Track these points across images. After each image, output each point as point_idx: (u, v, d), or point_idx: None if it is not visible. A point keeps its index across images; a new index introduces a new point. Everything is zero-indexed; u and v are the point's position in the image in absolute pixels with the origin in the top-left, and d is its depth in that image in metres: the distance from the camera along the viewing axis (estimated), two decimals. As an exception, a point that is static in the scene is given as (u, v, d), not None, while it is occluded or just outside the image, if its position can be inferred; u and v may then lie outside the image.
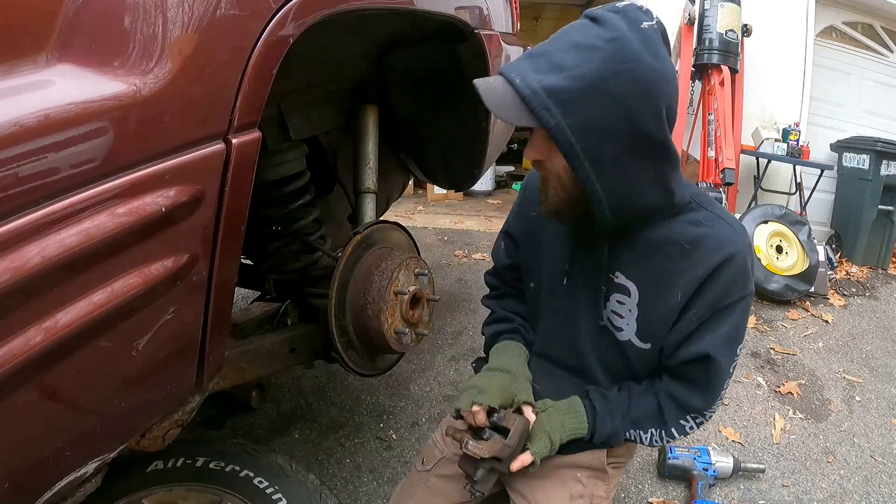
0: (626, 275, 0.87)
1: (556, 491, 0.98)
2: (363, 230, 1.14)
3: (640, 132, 0.70)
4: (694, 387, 0.88)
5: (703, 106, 3.78)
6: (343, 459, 1.62)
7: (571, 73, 0.67)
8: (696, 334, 0.85)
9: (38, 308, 0.49)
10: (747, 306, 0.85)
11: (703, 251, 0.81)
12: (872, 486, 1.70)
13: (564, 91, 0.67)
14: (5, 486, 0.53)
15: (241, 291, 1.92)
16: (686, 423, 0.91)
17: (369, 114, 1.33)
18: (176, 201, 0.58)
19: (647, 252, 0.84)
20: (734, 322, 0.84)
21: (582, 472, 0.99)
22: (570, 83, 0.67)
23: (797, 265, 3.04)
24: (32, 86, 0.48)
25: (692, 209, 0.84)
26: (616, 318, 0.90)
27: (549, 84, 0.67)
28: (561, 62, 0.68)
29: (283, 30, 0.66)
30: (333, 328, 1.07)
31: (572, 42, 0.69)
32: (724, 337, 0.84)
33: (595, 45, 0.67)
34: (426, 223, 4.01)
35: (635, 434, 0.92)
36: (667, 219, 0.83)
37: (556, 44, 0.70)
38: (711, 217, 0.84)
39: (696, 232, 0.82)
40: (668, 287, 0.84)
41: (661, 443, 0.92)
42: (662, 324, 0.87)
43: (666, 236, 0.83)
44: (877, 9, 4.15)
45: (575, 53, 0.68)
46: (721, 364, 0.84)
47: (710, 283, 0.81)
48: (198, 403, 0.87)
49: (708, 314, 0.83)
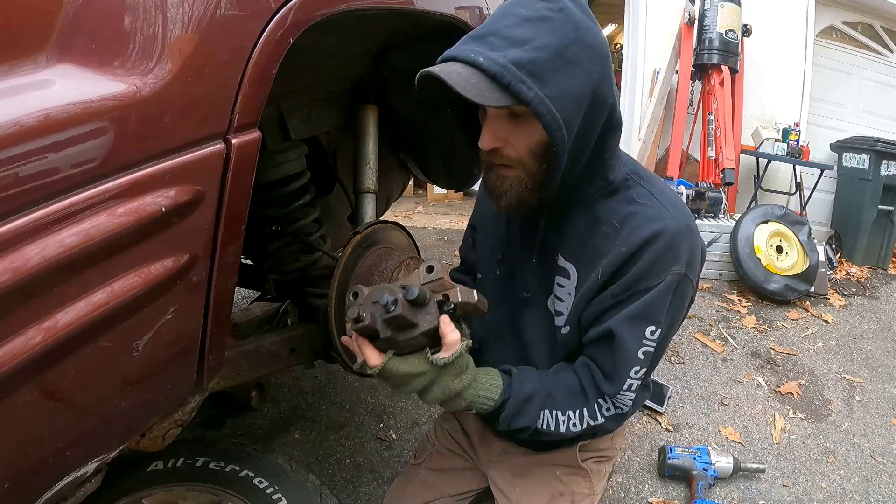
0: (567, 257, 0.84)
1: (537, 490, 0.98)
2: (363, 230, 1.14)
3: (600, 98, 0.70)
4: (602, 370, 0.82)
5: (703, 106, 3.79)
6: (343, 459, 1.62)
7: (534, 45, 0.65)
8: (608, 312, 0.80)
9: (38, 308, 0.49)
10: (669, 288, 0.77)
11: (629, 229, 0.78)
12: (872, 486, 1.70)
13: (533, 63, 0.65)
14: (5, 486, 0.53)
15: (241, 291, 1.92)
16: (603, 404, 0.83)
17: (369, 114, 1.33)
18: (176, 201, 0.58)
19: (585, 233, 0.82)
20: (646, 301, 0.77)
21: (559, 469, 0.99)
22: (537, 54, 0.65)
23: (797, 265, 3.04)
24: (32, 86, 0.48)
25: (628, 186, 0.81)
26: (558, 302, 0.86)
27: (515, 57, 0.65)
28: (518, 36, 0.66)
29: (283, 30, 0.66)
30: (333, 328, 1.06)
31: (521, 17, 0.67)
32: (629, 315, 0.78)
33: (545, 16, 0.67)
34: (426, 223, 4.01)
35: (551, 416, 0.81)
36: (604, 197, 0.81)
37: (503, 21, 0.68)
38: (645, 194, 0.80)
39: (627, 210, 0.79)
40: (596, 267, 0.80)
41: (580, 427, 0.82)
42: (584, 304, 0.83)
43: (601, 215, 0.81)
44: (877, 9, 4.15)
45: (529, 26, 0.66)
46: (623, 342, 0.78)
47: (632, 261, 0.77)
48: (198, 403, 0.87)
49: (624, 294, 0.78)
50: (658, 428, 1.89)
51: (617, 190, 0.81)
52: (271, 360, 1.11)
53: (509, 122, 0.72)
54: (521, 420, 0.80)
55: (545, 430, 0.81)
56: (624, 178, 0.81)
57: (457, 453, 1.09)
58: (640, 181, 0.82)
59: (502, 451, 1.04)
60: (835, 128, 4.21)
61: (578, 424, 0.82)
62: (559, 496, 0.97)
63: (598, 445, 1.03)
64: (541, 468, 1.00)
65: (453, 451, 1.10)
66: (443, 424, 1.14)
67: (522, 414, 0.80)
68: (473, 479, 1.08)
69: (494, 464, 1.04)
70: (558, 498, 0.97)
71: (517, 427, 0.81)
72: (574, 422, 0.82)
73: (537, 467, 1.00)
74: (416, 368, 0.71)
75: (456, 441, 1.10)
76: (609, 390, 0.81)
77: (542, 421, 0.81)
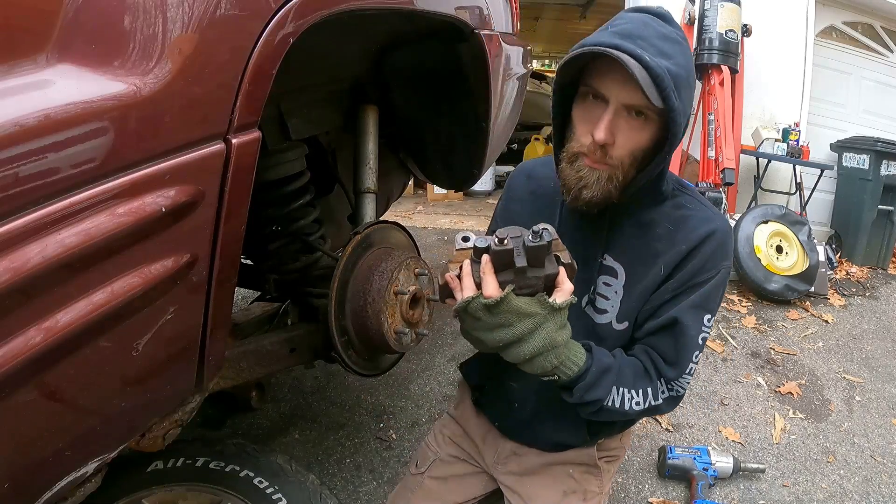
0: (614, 256, 0.90)
1: (549, 487, 0.98)
2: (363, 230, 1.14)
3: (687, 118, 0.79)
4: (663, 357, 0.87)
5: (703, 106, 3.79)
6: (343, 459, 1.62)
7: (676, 62, 0.73)
8: (666, 305, 0.87)
9: (38, 308, 0.49)
10: (721, 281, 0.87)
11: (686, 230, 0.87)
12: (872, 486, 1.70)
13: (678, 77, 0.72)
14: (5, 486, 0.53)
15: (241, 291, 1.92)
16: (660, 386, 0.87)
17: (369, 114, 1.33)
18: (176, 201, 0.58)
19: (636, 234, 0.89)
20: (705, 292, 0.86)
21: (574, 468, 1.00)
22: (680, 70, 0.73)
23: (797, 265, 3.04)
24: (32, 86, 0.48)
25: (675, 195, 0.90)
26: (601, 300, 0.91)
27: (668, 67, 0.71)
28: (663, 49, 0.73)
29: (283, 30, 0.66)
30: (333, 328, 1.07)
31: (660, 33, 0.75)
32: (691, 304, 0.86)
33: (677, 39, 0.76)
34: (426, 223, 4.01)
35: (618, 393, 0.84)
36: (655, 204, 0.89)
37: (646, 30, 0.74)
38: (692, 201, 0.91)
39: (679, 214, 0.89)
40: (653, 266, 0.87)
41: (642, 406, 0.85)
42: (640, 300, 0.89)
43: (653, 219, 0.88)
44: (877, 9, 4.15)
45: (669, 44, 0.74)
46: (687, 328, 0.84)
47: (691, 257, 0.86)
48: (198, 403, 0.87)
49: (683, 287, 0.86)
50: (658, 428, 1.89)
51: (666, 199, 0.89)
52: (271, 360, 1.11)
53: (628, 122, 0.77)
54: (595, 392, 0.81)
55: (610, 406, 0.83)
56: (672, 188, 0.90)
57: (461, 459, 1.09)
58: (685, 190, 0.92)
59: (512, 452, 1.03)
60: (835, 128, 4.21)
61: (641, 403, 0.85)
62: (571, 493, 0.98)
63: (609, 445, 1.03)
64: (553, 467, 1.00)
65: (457, 456, 1.09)
66: (442, 431, 1.13)
67: (599, 386, 0.81)
68: (478, 485, 1.07)
69: (503, 465, 1.04)
70: (570, 495, 0.98)
71: (589, 399, 0.82)
72: (637, 400, 0.85)
73: (550, 466, 1.00)
74: (529, 308, 0.71)
75: (459, 446, 1.09)
76: (672, 375, 0.86)
77: (611, 396, 0.83)
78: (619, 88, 0.75)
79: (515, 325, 0.71)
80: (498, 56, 1.38)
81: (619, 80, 0.74)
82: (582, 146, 0.80)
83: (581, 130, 0.81)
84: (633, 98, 0.74)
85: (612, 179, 0.80)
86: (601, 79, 0.77)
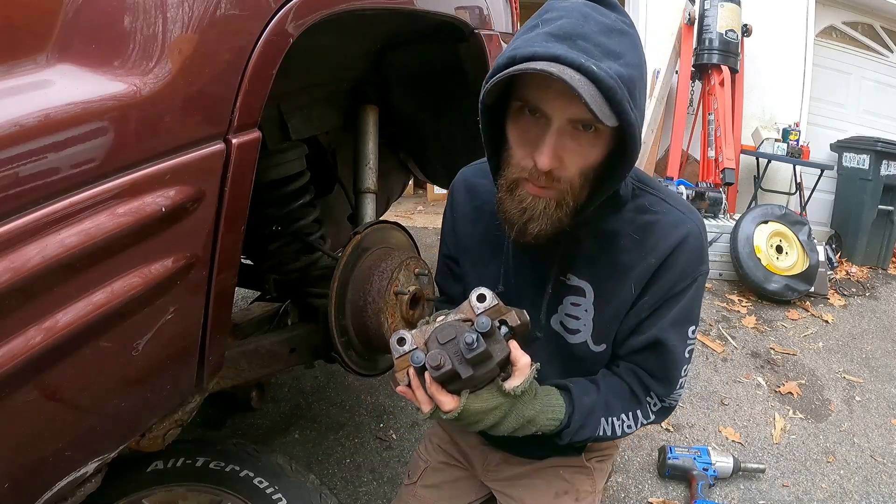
0: (579, 275, 0.82)
1: (542, 489, 0.98)
2: (363, 230, 1.14)
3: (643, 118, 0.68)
4: (650, 374, 0.84)
5: (703, 106, 3.79)
6: (343, 459, 1.62)
7: (627, 61, 0.61)
8: (646, 322, 0.81)
9: (38, 308, 0.49)
10: (699, 288, 0.81)
11: (654, 239, 0.77)
12: (872, 486, 1.70)
13: (632, 81, 0.60)
14: (5, 486, 0.53)
15: (241, 291, 1.92)
16: (651, 401, 0.85)
17: (369, 114, 1.33)
18: (176, 201, 0.58)
19: (598, 248, 0.80)
20: (684, 305, 0.80)
21: (565, 470, 0.99)
22: (632, 72, 0.60)
23: (797, 265, 3.04)
24: (32, 86, 0.48)
25: (637, 195, 0.79)
26: (571, 320, 0.84)
27: (620, 73, 0.59)
28: (610, 47, 0.60)
29: (282, 30, 0.66)
30: (333, 328, 1.07)
31: (603, 26, 0.61)
32: (672, 320, 0.80)
33: (624, 29, 0.63)
34: (426, 223, 4.00)
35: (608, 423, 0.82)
36: (615, 211, 0.78)
37: (587, 25, 0.61)
38: (656, 201, 0.79)
39: (643, 220, 0.78)
40: (622, 282, 0.79)
41: (634, 428, 0.84)
42: (615, 321, 0.82)
43: (615, 229, 0.78)
44: (877, 9, 4.15)
45: (616, 39, 0.61)
46: (672, 348, 0.80)
47: (663, 271, 0.78)
48: (198, 403, 0.87)
49: (660, 301, 0.80)
50: (658, 428, 1.89)
51: (626, 203, 0.78)
52: (271, 360, 1.11)
53: (574, 141, 0.65)
54: (583, 433, 0.80)
55: (601, 436, 0.82)
56: (631, 189, 0.79)
57: (451, 464, 1.08)
58: (647, 188, 0.81)
59: (502, 461, 1.02)
60: (835, 128, 4.21)
61: (633, 425, 0.84)
62: (563, 494, 0.97)
63: (600, 445, 1.02)
64: (545, 470, 0.99)
65: (448, 462, 1.08)
66: (432, 439, 1.12)
67: (585, 427, 0.80)
68: (472, 489, 1.06)
69: (493, 472, 1.03)
70: (563, 496, 0.97)
71: (579, 439, 0.81)
72: (629, 423, 0.83)
73: (541, 469, 0.99)
74: (491, 402, 0.69)
75: (448, 453, 1.08)
76: (662, 391, 0.83)
77: (601, 428, 0.81)
78: (563, 103, 0.62)
79: (485, 419, 0.70)
80: (498, 56, 1.38)
81: (561, 94, 0.60)
82: (523, 171, 0.68)
83: (520, 154, 0.68)
84: (580, 112, 0.61)
85: (561, 206, 0.69)
86: (538, 93, 0.64)
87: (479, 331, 0.64)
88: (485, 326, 0.64)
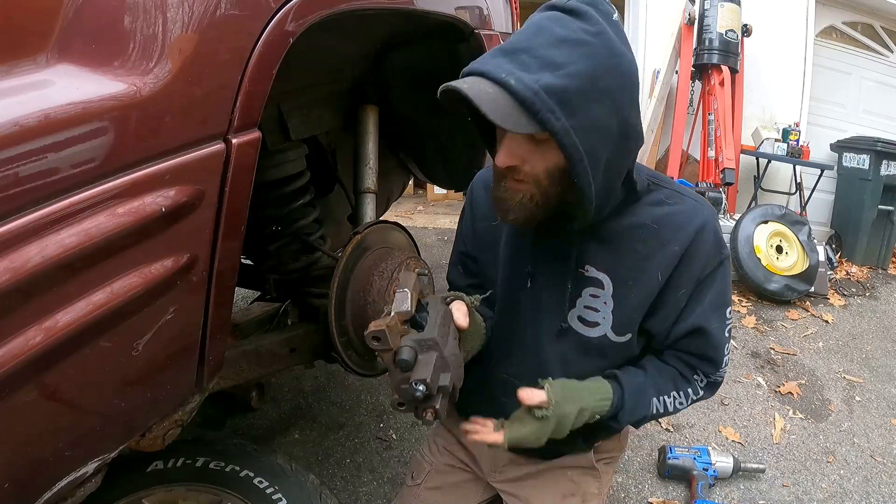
0: (598, 267, 0.84)
1: (549, 491, 0.98)
2: (363, 230, 1.13)
3: (626, 124, 0.69)
4: (697, 356, 0.89)
5: (703, 106, 3.79)
6: (343, 459, 1.62)
7: (567, 71, 0.62)
8: (686, 310, 0.85)
9: (38, 308, 0.49)
10: (726, 269, 0.86)
11: (673, 228, 0.81)
12: (872, 486, 1.70)
13: (565, 91, 0.62)
14: (5, 485, 0.53)
15: (241, 291, 1.92)
16: (697, 378, 0.90)
17: (369, 114, 1.33)
18: (176, 201, 0.58)
19: (617, 240, 0.83)
20: (717, 288, 0.85)
21: (572, 471, 0.99)
22: (569, 82, 0.62)
23: (797, 265, 3.04)
24: (32, 86, 0.48)
25: (651, 190, 0.84)
26: (591, 312, 0.86)
27: (548, 83, 0.62)
28: (552, 59, 0.63)
29: (283, 30, 0.66)
30: (333, 328, 1.06)
31: (557, 36, 0.64)
32: (710, 305, 0.84)
33: (582, 39, 0.64)
34: (426, 223, 4.01)
35: (659, 402, 0.87)
36: (631, 205, 0.83)
37: (537, 38, 0.64)
38: (672, 194, 0.84)
39: (660, 211, 0.83)
40: (643, 271, 0.82)
41: (686, 404, 0.89)
42: (638, 311, 0.85)
43: (633, 222, 0.82)
44: (877, 9, 4.15)
45: (565, 49, 0.63)
46: (714, 331, 0.85)
47: (689, 258, 0.82)
48: (198, 403, 0.87)
49: (693, 288, 0.84)
50: (658, 428, 1.89)
51: (640, 198, 0.83)
52: (271, 360, 1.11)
53: (529, 143, 0.70)
54: (638, 411, 0.85)
55: (655, 413, 0.87)
56: (646, 185, 0.83)
57: (457, 467, 1.07)
58: (661, 184, 0.86)
59: (509, 461, 1.02)
60: (835, 128, 4.21)
61: (684, 402, 0.89)
62: (570, 496, 0.97)
63: (606, 447, 1.02)
64: (552, 471, 0.99)
65: (453, 465, 1.07)
66: (436, 440, 1.11)
67: (639, 405, 0.85)
68: (476, 492, 1.06)
69: (500, 473, 1.03)
70: (569, 497, 0.97)
71: (634, 419, 0.86)
72: (680, 400, 0.88)
73: (548, 470, 0.99)
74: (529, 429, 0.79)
75: (453, 454, 1.08)
76: (710, 370, 0.89)
77: (654, 407, 0.86)
78: None
79: (541, 436, 0.79)
80: (498, 56, 1.37)
81: None
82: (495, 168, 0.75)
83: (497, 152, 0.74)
84: None
85: (533, 199, 0.74)
86: None
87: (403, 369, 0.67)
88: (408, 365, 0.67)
